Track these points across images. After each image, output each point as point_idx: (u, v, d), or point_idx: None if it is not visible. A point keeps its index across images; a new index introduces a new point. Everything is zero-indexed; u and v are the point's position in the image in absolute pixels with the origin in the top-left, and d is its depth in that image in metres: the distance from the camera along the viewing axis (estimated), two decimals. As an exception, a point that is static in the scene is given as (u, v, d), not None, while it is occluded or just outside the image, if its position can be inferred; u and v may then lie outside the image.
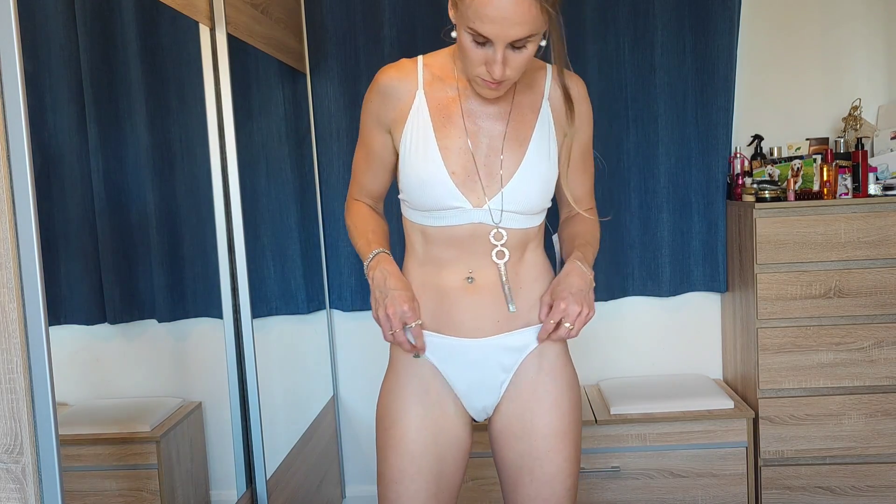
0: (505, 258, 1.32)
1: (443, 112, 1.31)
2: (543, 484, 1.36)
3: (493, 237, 1.31)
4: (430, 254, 1.35)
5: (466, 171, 1.29)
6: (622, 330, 2.80)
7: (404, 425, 1.35)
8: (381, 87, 1.34)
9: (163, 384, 2.62)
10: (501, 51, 1.17)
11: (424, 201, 1.30)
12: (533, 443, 1.36)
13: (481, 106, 1.32)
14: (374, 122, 1.36)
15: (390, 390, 1.39)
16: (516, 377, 1.37)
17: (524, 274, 1.36)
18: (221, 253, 1.95)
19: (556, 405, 1.37)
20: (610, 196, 2.65)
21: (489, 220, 1.31)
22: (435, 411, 1.36)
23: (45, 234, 2.27)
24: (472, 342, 1.34)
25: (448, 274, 1.34)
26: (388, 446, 1.37)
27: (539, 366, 1.38)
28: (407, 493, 1.35)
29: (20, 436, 1.10)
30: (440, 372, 1.37)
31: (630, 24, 2.59)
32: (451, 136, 1.30)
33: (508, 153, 1.31)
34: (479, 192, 1.30)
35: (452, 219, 1.30)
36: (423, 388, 1.37)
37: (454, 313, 1.34)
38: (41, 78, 2.28)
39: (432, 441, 1.35)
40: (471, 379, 1.36)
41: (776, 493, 2.41)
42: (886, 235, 2.31)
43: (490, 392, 1.38)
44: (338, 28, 2.60)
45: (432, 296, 1.35)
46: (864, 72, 2.68)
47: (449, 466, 1.38)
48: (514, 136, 1.31)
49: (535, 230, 1.37)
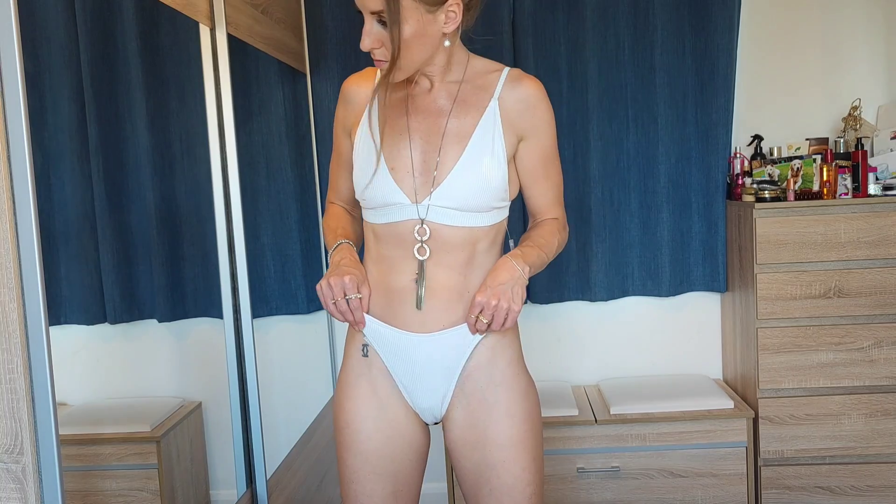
0: (426, 255, 1.32)
1: (391, 111, 1.35)
2: (503, 494, 1.35)
3: (417, 232, 1.31)
4: (381, 253, 1.36)
5: (405, 167, 1.31)
6: (622, 330, 2.80)
7: (357, 425, 1.38)
8: (344, 95, 1.42)
9: (163, 384, 2.62)
10: (369, 22, 1.25)
11: (370, 196, 1.33)
12: (487, 453, 1.36)
13: (425, 103, 1.35)
14: (340, 128, 1.43)
15: (342, 389, 1.41)
16: (464, 385, 1.36)
17: (474, 278, 1.34)
18: (221, 253, 1.95)
19: (507, 414, 1.36)
20: (610, 196, 2.65)
21: (422, 216, 1.31)
22: (387, 412, 1.38)
23: (45, 234, 2.29)
24: (417, 336, 1.34)
25: (396, 274, 1.35)
26: (343, 446, 1.39)
27: (489, 375, 1.36)
28: (364, 492, 1.38)
29: (20, 436, 1.10)
30: (388, 369, 1.38)
31: (630, 24, 2.59)
32: (393, 135, 1.33)
33: (446, 149, 1.31)
34: (415, 188, 1.31)
35: (394, 215, 1.32)
36: (371, 388, 1.38)
37: (400, 309, 1.35)
38: (41, 78, 2.28)
39: (386, 443, 1.38)
40: (413, 375, 1.37)
41: (776, 492, 2.42)
42: (886, 235, 2.31)
43: (432, 393, 1.37)
44: (338, 28, 2.61)
45: (383, 293, 1.36)
46: (864, 72, 2.68)
47: (405, 466, 1.39)
48: (454, 133, 1.32)
49: (483, 231, 1.33)
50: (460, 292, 1.34)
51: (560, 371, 2.81)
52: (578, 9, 2.57)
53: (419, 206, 1.31)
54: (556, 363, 2.80)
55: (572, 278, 2.69)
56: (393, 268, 1.35)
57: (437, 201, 1.30)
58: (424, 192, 1.31)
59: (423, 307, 1.33)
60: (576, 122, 2.62)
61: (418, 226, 1.31)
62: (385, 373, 1.38)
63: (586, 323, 2.80)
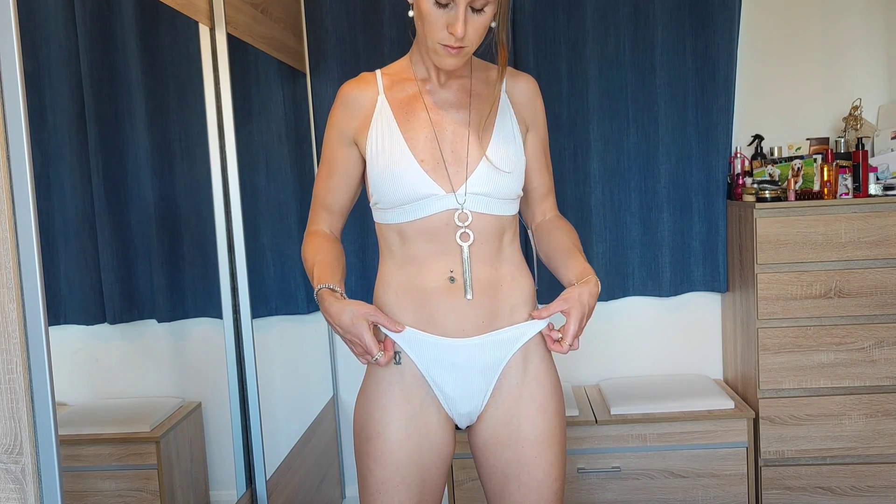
0: (469, 240, 1.31)
1: (405, 108, 1.34)
2: (531, 490, 1.35)
3: (458, 218, 1.31)
4: (409, 253, 1.34)
5: (435, 158, 1.31)
6: (622, 330, 2.80)
7: (387, 436, 1.34)
8: (343, 99, 1.37)
9: (163, 384, 2.62)
10: (463, 8, 1.21)
11: (397, 194, 1.30)
12: (520, 449, 1.35)
13: (443, 97, 1.36)
14: (338, 136, 1.38)
15: (370, 398, 1.37)
16: (500, 383, 1.37)
17: (504, 271, 1.36)
18: (221, 253, 1.95)
19: (542, 410, 1.37)
20: (610, 196, 2.65)
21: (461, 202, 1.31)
22: (418, 420, 1.35)
23: (45, 234, 2.28)
24: (457, 342, 1.33)
25: (428, 274, 1.33)
26: (371, 457, 1.35)
27: (524, 371, 1.37)
28: (391, 503, 1.34)
29: (20, 436, 1.10)
30: (424, 377, 1.35)
31: (630, 24, 2.59)
32: (416, 128, 1.32)
33: (474, 138, 1.33)
34: (449, 178, 1.31)
35: (427, 209, 1.31)
36: (404, 397, 1.35)
37: (437, 315, 1.33)
38: (41, 78, 2.28)
39: (416, 451, 1.34)
40: (456, 381, 1.35)
41: (776, 493, 2.41)
42: (887, 235, 2.31)
43: (475, 396, 1.36)
44: (338, 28, 2.61)
45: (414, 297, 1.34)
46: (864, 72, 2.67)
47: (432, 474, 1.37)
48: (477, 122, 1.34)
49: (509, 219, 1.36)
50: (494, 286, 1.34)
51: (560, 371, 2.75)
52: (579, 9, 2.57)
53: (457, 195, 1.30)
54: (556, 363, 2.78)
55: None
56: (423, 268, 1.33)
57: (474, 188, 1.31)
58: (459, 180, 1.31)
59: (471, 296, 1.32)
60: (576, 122, 2.62)
61: (458, 211, 1.31)
62: (419, 379, 1.35)
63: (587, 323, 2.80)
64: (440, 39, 1.24)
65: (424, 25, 1.25)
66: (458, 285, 1.32)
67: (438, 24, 1.23)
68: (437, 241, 1.32)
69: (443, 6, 1.22)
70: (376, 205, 1.36)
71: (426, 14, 1.23)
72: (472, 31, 1.24)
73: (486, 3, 1.22)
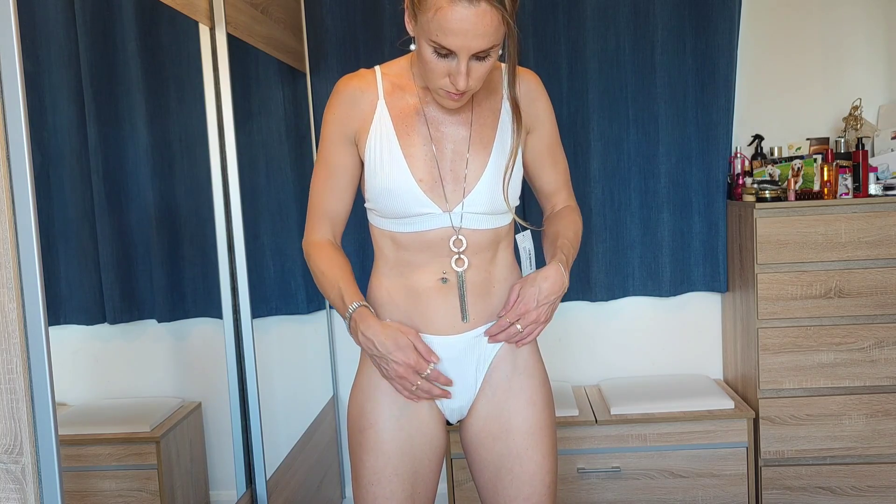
0: (464, 266, 1.32)
1: (405, 120, 1.31)
2: (524, 482, 1.36)
3: (453, 244, 1.31)
4: (402, 258, 1.34)
5: (433, 177, 1.29)
6: (622, 330, 2.80)
7: (379, 427, 1.35)
8: (343, 96, 1.33)
9: (163, 384, 2.62)
10: (465, 62, 1.16)
11: (393, 209, 1.30)
12: (511, 441, 1.36)
13: (443, 112, 1.32)
14: (337, 134, 1.34)
15: (363, 390, 1.39)
16: (490, 377, 1.38)
17: (496, 273, 1.37)
18: (221, 253, 1.95)
19: (531, 402, 1.38)
20: (610, 196, 2.65)
21: (457, 225, 1.31)
22: (409, 412, 1.36)
23: (45, 234, 2.28)
24: (448, 338, 1.34)
25: (421, 275, 1.33)
26: (364, 448, 1.36)
27: (513, 364, 1.38)
28: (383, 494, 1.35)
29: (20, 436, 1.10)
30: None
31: (630, 24, 2.59)
32: (415, 144, 1.30)
33: (474, 156, 1.31)
34: (446, 196, 1.30)
35: (422, 224, 1.30)
36: (395, 390, 1.36)
37: (428, 312, 1.34)
38: (41, 78, 2.28)
39: (408, 442, 1.36)
40: (449, 376, 1.36)
41: (776, 493, 2.41)
42: (887, 235, 2.31)
43: (467, 390, 1.38)
44: (338, 28, 2.60)
45: (405, 295, 1.35)
46: (864, 72, 2.67)
47: (424, 467, 1.38)
48: (478, 140, 1.32)
49: (505, 228, 1.38)
50: (486, 287, 1.35)
51: (560, 371, 2.80)
52: (579, 9, 2.57)
53: (452, 215, 1.30)
54: (556, 363, 2.79)
55: (573, 278, 2.66)
56: (416, 270, 1.34)
57: (470, 208, 1.30)
58: (455, 199, 1.30)
59: (467, 320, 1.33)
60: (576, 122, 2.62)
61: (454, 237, 1.30)
62: None
63: (587, 323, 2.80)
64: (442, 86, 1.21)
65: (426, 71, 1.21)
66: (450, 286, 1.33)
67: (440, 72, 1.19)
68: (431, 251, 1.33)
69: (443, 56, 1.17)
70: (372, 209, 1.36)
71: (427, 61, 1.19)
72: (475, 78, 1.20)
73: (489, 51, 1.17)
